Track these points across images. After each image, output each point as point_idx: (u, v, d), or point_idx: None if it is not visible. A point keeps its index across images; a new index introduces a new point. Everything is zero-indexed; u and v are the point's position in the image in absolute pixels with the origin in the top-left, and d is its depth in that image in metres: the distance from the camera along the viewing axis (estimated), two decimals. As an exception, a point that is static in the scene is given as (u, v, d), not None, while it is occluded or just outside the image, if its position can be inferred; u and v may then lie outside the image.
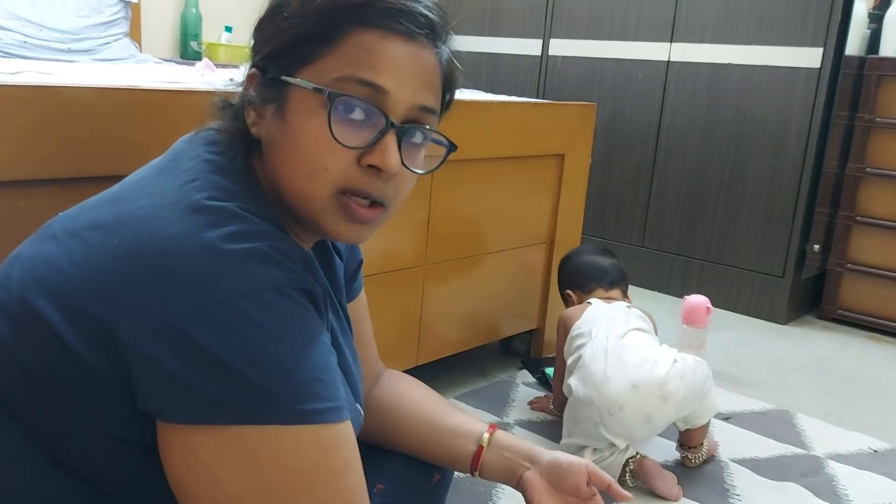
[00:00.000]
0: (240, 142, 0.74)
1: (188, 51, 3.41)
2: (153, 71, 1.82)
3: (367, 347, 1.03)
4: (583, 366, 1.62)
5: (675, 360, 1.57)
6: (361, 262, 1.00)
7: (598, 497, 0.97)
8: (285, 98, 0.71)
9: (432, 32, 0.73)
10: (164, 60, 2.93)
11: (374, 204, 0.73)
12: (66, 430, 0.65)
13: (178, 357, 0.58)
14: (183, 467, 0.62)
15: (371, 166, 0.71)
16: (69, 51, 2.62)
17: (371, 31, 0.70)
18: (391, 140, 0.71)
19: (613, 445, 1.58)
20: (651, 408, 1.54)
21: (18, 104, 0.99)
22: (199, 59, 2.41)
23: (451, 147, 0.77)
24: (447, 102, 0.80)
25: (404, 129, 0.72)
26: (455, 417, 1.02)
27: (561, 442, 1.67)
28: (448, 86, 0.78)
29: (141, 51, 2.99)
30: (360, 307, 1.01)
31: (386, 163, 0.70)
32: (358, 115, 0.70)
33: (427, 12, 0.73)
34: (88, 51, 2.68)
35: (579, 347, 1.68)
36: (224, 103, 0.78)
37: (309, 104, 0.70)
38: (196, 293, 0.60)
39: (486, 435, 0.99)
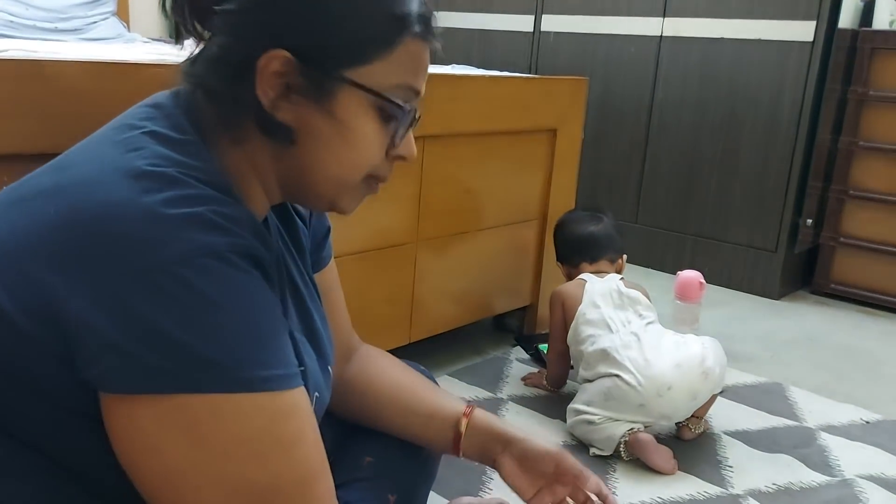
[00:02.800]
0: (231, 107, 0.69)
1: (177, 30, 3.36)
2: (141, 50, 1.80)
3: (340, 319, 1.01)
4: (615, 352, 1.63)
5: (704, 343, 1.64)
6: (329, 228, 0.98)
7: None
8: (333, 93, 0.70)
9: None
10: (153, 40, 2.90)
11: None
12: (12, 401, 0.64)
13: (115, 325, 0.57)
14: (125, 438, 0.61)
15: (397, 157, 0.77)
16: (56, 30, 2.59)
17: (417, 40, 0.73)
18: (411, 132, 0.77)
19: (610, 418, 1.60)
20: (696, 384, 1.60)
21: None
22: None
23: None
24: None
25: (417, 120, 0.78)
26: (431, 400, 1.01)
27: (569, 406, 1.69)
28: None
29: (129, 30, 2.96)
30: (330, 276, 1.00)
31: (413, 155, 0.78)
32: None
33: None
34: (75, 30, 2.66)
35: (596, 338, 1.68)
36: (220, 62, 0.70)
37: (365, 107, 0.71)
38: (133, 260, 0.59)
39: (464, 420, 0.98)
